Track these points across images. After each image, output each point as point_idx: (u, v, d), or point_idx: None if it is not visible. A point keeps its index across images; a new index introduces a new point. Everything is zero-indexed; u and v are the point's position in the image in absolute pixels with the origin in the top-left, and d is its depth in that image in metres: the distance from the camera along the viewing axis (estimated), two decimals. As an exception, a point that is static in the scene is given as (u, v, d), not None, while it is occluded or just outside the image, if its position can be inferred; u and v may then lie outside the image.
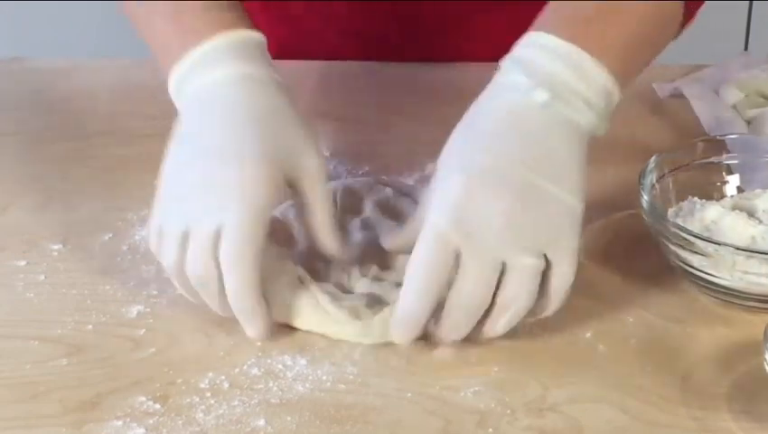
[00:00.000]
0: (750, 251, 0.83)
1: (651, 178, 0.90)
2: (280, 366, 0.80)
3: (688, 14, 0.90)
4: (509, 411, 0.76)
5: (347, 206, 0.91)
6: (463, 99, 0.93)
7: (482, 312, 0.79)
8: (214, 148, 0.82)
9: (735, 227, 0.86)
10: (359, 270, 0.85)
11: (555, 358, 0.81)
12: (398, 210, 0.91)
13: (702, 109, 1.05)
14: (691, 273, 0.85)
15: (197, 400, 0.77)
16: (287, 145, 0.83)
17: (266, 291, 0.81)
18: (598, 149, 1.02)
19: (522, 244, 0.78)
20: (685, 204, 0.91)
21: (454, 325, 0.79)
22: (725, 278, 0.84)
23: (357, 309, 0.82)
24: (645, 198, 0.87)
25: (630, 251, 0.90)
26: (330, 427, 0.75)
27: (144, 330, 0.83)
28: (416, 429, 0.75)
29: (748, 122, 1.03)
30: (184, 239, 0.80)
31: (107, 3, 2.11)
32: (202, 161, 0.83)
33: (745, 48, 2.15)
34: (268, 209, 0.81)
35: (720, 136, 0.96)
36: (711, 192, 0.92)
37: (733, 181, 0.93)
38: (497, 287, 0.78)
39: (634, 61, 0.86)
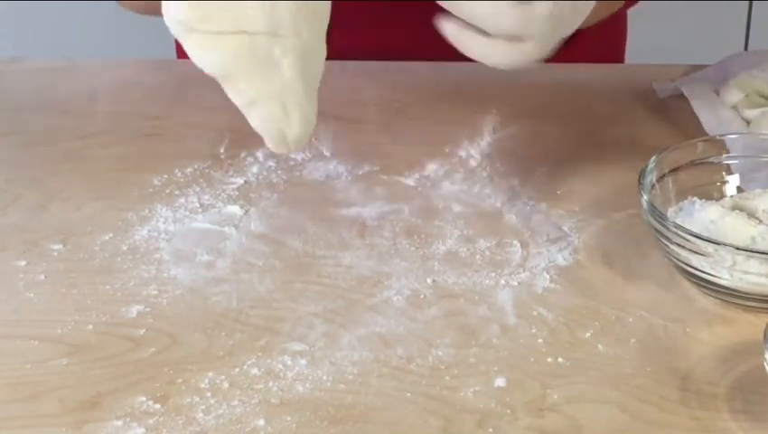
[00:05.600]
0: (750, 251, 0.83)
1: (651, 178, 0.90)
2: (280, 366, 0.80)
3: None
4: (509, 411, 0.76)
5: None
6: (463, 98, 0.94)
7: None
8: None
9: (734, 227, 0.86)
10: None
11: (554, 358, 0.81)
12: None
13: (702, 109, 1.05)
14: (691, 273, 0.85)
15: (197, 399, 0.77)
16: None
17: None
18: (598, 149, 1.03)
19: None
20: (685, 204, 0.91)
21: None
22: (724, 278, 0.84)
23: None
24: (645, 198, 0.87)
25: (630, 251, 0.91)
26: (330, 427, 0.75)
27: (144, 330, 0.83)
28: (416, 429, 0.75)
29: (748, 122, 1.03)
30: None
31: (107, 3, 2.11)
32: None
33: (745, 48, 2.15)
34: None
35: (720, 135, 0.96)
36: (711, 192, 0.92)
37: (733, 181, 0.93)
38: None
39: None
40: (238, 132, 1.04)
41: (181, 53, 1.29)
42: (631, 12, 1.26)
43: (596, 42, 1.20)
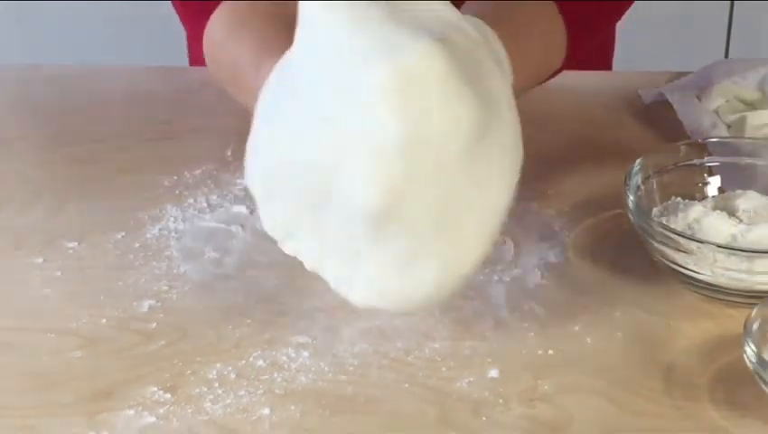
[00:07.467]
0: (730, 249, 0.83)
1: (637, 179, 0.90)
2: (284, 358, 0.80)
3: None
4: (501, 401, 0.76)
5: None
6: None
7: None
8: None
9: (716, 226, 0.86)
10: None
11: (545, 350, 0.80)
12: None
13: (685, 114, 1.05)
14: (675, 269, 0.85)
15: (205, 390, 0.77)
16: None
17: None
18: (586, 152, 1.03)
19: None
20: (669, 204, 0.91)
21: None
22: (706, 274, 0.83)
23: None
24: (631, 198, 0.87)
25: (617, 249, 0.90)
26: (332, 416, 0.75)
27: (155, 324, 0.83)
28: (413, 418, 0.75)
29: (728, 126, 1.03)
30: None
31: (122, 13, 2.11)
32: None
33: (726, 56, 2.15)
34: None
35: (702, 139, 0.96)
36: (693, 192, 0.92)
37: (714, 182, 0.93)
38: None
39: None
40: (244, 136, 1.03)
41: (193, 61, 1.29)
42: (619, 22, 1.26)
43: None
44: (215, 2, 0.96)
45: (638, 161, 0.91)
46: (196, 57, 1.27)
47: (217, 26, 0.96)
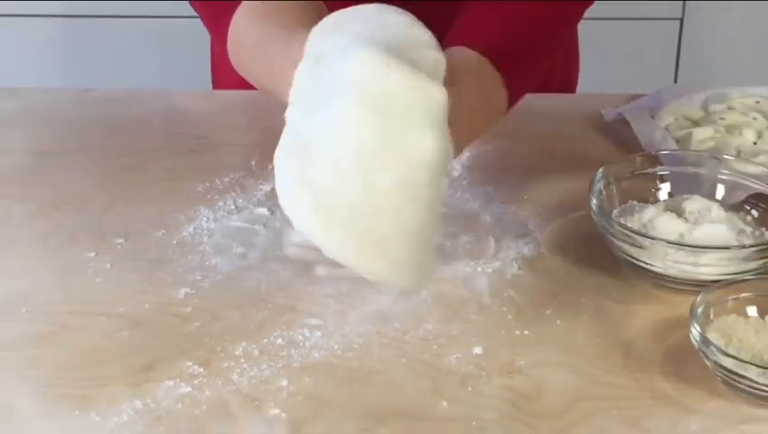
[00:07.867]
0: (678, 244, 0.83)
1: (600, 185, 0.90)
2: (300, 337, 0.80)
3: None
4: (484, 373, 0.76)
5: None
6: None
7: None
8: None
9: (666, 225, 0.86)
10: None
11: (521, 330, 0.81)
12: None
13: (640, 130, 1.05)
14: (632, 262, 0.85)
15: (233, 364, 0.77)
16: None
17: None
18: (557, 162, 1.03)
19: None
20: (626, 207, 0.91)
21: None
22: (659, 266, 0.84)
23: None
24: (594, 201, 0.87)
25: (582, 245, 0.91)
26: (340, 386, 0.75)
27: (190, 308, 0.83)
28: (409, 388, 0.75)
29: (677, 140, 1.03)
30: None
31: (161, 46, 2.11)
32: None
33: (675, 81, 2.16)
34: None
35: (654, 151, 0.96)
36: (647, 196, 0.92)
37: (665, 188, 0.93)
38: None
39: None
40: (266, 148, 1.03)
41: (216, 84, 1.29)
42: (583, 51, 1.27)
43: (556, 73, 1.20)
44: (234, 2, 0.92)
45: (600, 170, 0.91)
46: (220, 54, 1.24)
47: (240, 26, 0.91)
